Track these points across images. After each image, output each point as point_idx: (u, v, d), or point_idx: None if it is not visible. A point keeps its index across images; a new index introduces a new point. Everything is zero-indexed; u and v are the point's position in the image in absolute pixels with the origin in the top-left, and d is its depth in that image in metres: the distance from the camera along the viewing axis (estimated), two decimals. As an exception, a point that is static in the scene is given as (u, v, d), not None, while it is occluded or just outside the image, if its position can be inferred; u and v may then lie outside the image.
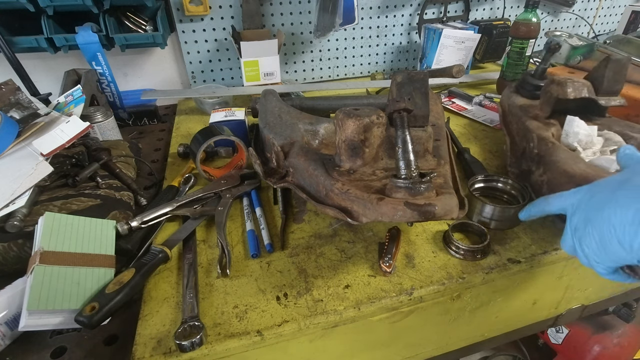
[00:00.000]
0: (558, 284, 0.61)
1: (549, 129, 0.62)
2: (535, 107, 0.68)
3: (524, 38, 0.98)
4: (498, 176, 0.64)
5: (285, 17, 1.10)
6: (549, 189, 0.54)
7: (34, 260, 0.43)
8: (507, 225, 0.57)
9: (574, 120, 0.59)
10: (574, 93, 0.61)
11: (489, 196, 0.64)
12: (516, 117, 0.71)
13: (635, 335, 1.02)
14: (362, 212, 0.44)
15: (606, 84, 0.62)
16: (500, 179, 0.63)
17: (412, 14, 1.22)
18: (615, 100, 0.62)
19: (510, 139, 0.71)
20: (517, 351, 1.11)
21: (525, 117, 0.67)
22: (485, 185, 0.64)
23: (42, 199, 0.56)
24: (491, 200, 0.63)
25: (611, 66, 0.62)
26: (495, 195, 0.64)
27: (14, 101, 0.66)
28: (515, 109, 0.72)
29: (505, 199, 0.63)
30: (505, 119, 0.77)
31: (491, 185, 0.64)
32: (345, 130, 0.49)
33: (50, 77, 0.99)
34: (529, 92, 0.75)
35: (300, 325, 0.44)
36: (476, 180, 0.63)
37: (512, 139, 0.70)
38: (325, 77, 1.25)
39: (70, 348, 0.44)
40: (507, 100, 0.77)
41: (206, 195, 0.63)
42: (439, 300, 0.51)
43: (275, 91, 0.82)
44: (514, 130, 0.70)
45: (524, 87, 0.76)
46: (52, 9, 0.82)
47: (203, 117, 0.99)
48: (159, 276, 0.51)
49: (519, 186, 0.60)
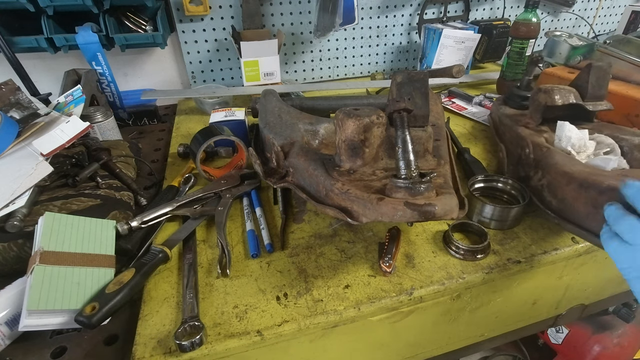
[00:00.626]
0: (558, 284, 0.61)
1: (541, 135, 0.63)
2: (525, 116, 0.71)
3: (524, 38, 0.98)
4: (498, 176, 0.64)
5: (285, 17, 1.10)
6: (549, 192, 0.55)
7: (34, 260, 0.43)
8: (507, 225, 0.57)
9: (565, 124, 0.60)
10: (561, 100, 0.63)
11: (489, 196, 0.64)
12: (508, 127, 0.73)
13: (635, 335, 1.02)
14: (362, 212, 0.44)
15: (591, 89, 0.64)
16: (500, 179, 0.63)
17: (412, 14, 1.22)
18: (602, 104, 0.64)
19: (505, 148, 0.72)
20: (517, 351, 1.11)
21: (516, 126, 0.69)
22: (486, 185, 0.64)
23: (42, 199, 0.56)
24: (491, 200, 0.63)
25: (594, 72, 0.64)
26: (495, 195, 0.64)
27: (14, 101, 0.66)
28: (506, 119, 0.74)
29: (505, 199, 0.63)
30: (497, 130, 0.79)
31: (491, 185, 0.64)
32: (345, 130, 0.49)
33: (50, 77, 0.99)
34: (516, 103, 0.78)
35: (300, 325, 0.44)
36: (476, 180, 0.63)
37: (507, 148, 0.71)
38: (325, 77, 1.25)
39: (70, 348, 0.44)
40: (497, 112, 0.80)
41: (206, 195, 0.63)
42: (439, 300, 0.51)
43: (275, 91, 0.82)
44: (507, 140, 0.72)
45: (512, 99, 0.80)
46: (52, 9, 0.82)
47: (203, 117, 0.99)
48: (159, 276, 0.51)
49: (519, 186, 0.60)
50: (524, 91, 0.77)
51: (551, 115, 0.65)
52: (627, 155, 0.58)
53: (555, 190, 0.54)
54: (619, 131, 0.61)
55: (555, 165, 0.55)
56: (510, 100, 0.79)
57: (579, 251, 0.55)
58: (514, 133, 0.69)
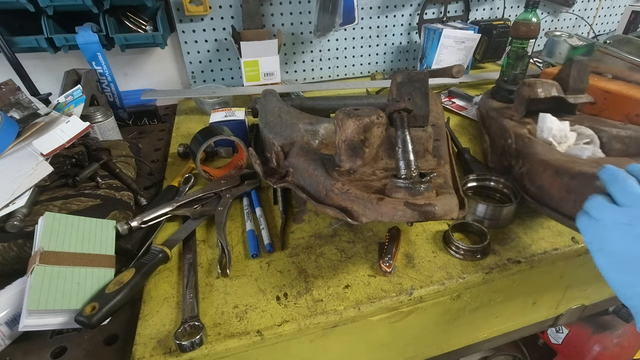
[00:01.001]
0: (558, 284, 0.61)
1: (524, 127, 0.66)
2: (511, 108, 0.73)
3: (524, 38, 0.98)
4: (490, 175, 0.64)
5: (285, 17, 1.10)
6: (529, 179, 0.59)
7: (34, 260, 0.43)
8: (500, 224, 0.58)
9: (547, 116, 0.63)
10: (544, 93, 0.66)
11: (481, 195, 0.65)
12: (494, 119, 0.75)
13: (635, 335, 1.02)
14: (362, 212, 0.44)
15: (572, 83, 0.67)
16: (492, 177, 0.64)
17: (412, 14, 1.22)
18: (582, 97, 0.67)
19: (490, 139, 0.75)
20: (517, 351, 1.11)
21: (502, 118, 0.72)
22: (478, 184, 0.64)
23: (42, 199, 0.56)
24: (484, 199, 0.64)
25: (575, 67, 0.67)
26: (488, 194, 0.64)
27: (14, 101, 0.66)
28: (493, 112, 0.77)
29: (498, 198, 0.63)
30: (484, 122, 0.82)
31: (484, 184, 0.64)
32: (346, 130, 0.49)
33: (50, 77, 0.99)
34: (503, 96, 0.81)
35: (300, 325, 0.44)
36: (469, 180, 0.63)
37: (492, 139, 0.74)
38: (325, 77, 1.25)
39: (70, 348, 0.44)
40: (484, 105, 0.83)
41: (206, 195, 0.63)
42: (439, 300, 0.51)
43: (275, 91, 0.82)
44: (493, 132, 0.75)
45: (499, 93, 0.82)
46: (52, 9, 0.82)
47: (203, 117, 0.99)
48: (159, 276, 0.51)
49: (511, 185, 0.60)
50: (511, 85, 0.79)
51: (535, 107, 0.67)
52: (605, 146, 0.61)
53: (534, 177, 0.57)
54: (599, 123, 0.64)
55: (534, 154, 0.58)
56: (497, 93, 0.82)
57: (579, 251, 0.55)
58: (499, 125, 0.72)
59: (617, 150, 0.60)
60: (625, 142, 0.60)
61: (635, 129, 0.61)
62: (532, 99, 0.66)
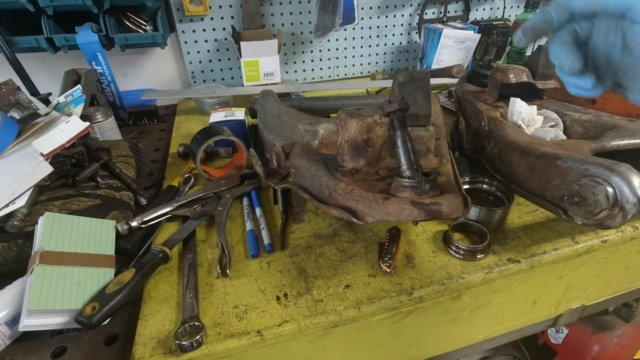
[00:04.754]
0: (558, 284, 0.61)
1: (497, 110, 0.70)
2: (485, 92, 0.77)
3: (524, 38, 0.98)
4: (483, 177, 0.64)
5: (285, 17, 1.10)
6: (499, 159, 0.62)
7: (34, 260, 0.43)
8: (492, 227, 0.57)
9: (517, 101, 0.67)
10: (515, 78, 0.70)
11: (475, 197, 0.64)
12: (469, 102, 0.78)
13: (635, 335, 1.02)
14: (367, 211, 0.44)
15: (540, 69, 0.71)
16: (485, 180, 0.63)
17: (412, 14, 1.22)
18: (550, 83, 0.71)
19: (465, 121, 0.77)
20: (517, 351, 1.11)
21: (476, 101, 0.75)
22: (471, 187, 0.64)
23: (42, 199, 0.56)
24: (477, 201, 0.63)
25: (543, 53, 0.70)
26: (481, 197, 0.64)
27: (14, 101, 0.66)
28: (468, 95, 0.80)
29: (491, 201, 0.63)
30: (460, 105, 0.84)
31: (476, 187, 0.64)
32: (348, 130, 0.49)
33: (50, 77, 0.99)
34: (478, 81, 0.82)
35: (300, 325, 0.44)
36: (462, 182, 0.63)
37: (467, 121, 0.77)
38: (325, 77, 1.25)
39: (70, 348, 0.44)
40: (460, 89, 0.85)
41: (206, 195, 0.63)
42: (439, 300, 0.51)
43: (274, 92, 0.82)
44: (468, 114, 0.78)
45: (474, 77, 0.84)
46: (52, 9, 0.82)
47: (203, 117, 0.99)
48: (159, 276, 0.51)
49: (504, 188, 0.60)
50: (485, 70, 0.81)
51: (507, 92, 0.71)
52: (568, 129, 0.66)
53: (503, 157, 0.61)
54: (563, 107, 0.69)
55: (504, 136, 0.61)
56: (473, 78, 0.84)
57: (579, 251, 0.55)
58: (474, 108, 0.74)
59: (578, 133, 0.65)
60: (585, 126, 0.65)
61: (595, 113, 0.65)
62: (504, 84, 0.70)
